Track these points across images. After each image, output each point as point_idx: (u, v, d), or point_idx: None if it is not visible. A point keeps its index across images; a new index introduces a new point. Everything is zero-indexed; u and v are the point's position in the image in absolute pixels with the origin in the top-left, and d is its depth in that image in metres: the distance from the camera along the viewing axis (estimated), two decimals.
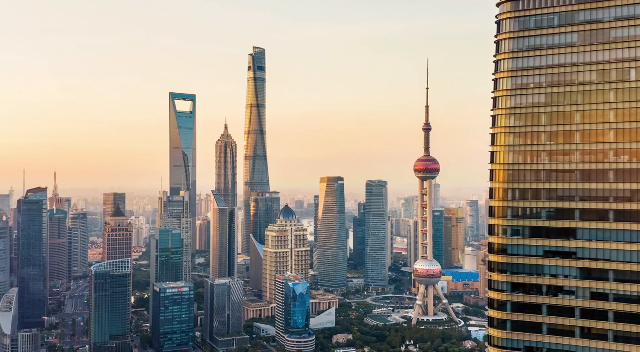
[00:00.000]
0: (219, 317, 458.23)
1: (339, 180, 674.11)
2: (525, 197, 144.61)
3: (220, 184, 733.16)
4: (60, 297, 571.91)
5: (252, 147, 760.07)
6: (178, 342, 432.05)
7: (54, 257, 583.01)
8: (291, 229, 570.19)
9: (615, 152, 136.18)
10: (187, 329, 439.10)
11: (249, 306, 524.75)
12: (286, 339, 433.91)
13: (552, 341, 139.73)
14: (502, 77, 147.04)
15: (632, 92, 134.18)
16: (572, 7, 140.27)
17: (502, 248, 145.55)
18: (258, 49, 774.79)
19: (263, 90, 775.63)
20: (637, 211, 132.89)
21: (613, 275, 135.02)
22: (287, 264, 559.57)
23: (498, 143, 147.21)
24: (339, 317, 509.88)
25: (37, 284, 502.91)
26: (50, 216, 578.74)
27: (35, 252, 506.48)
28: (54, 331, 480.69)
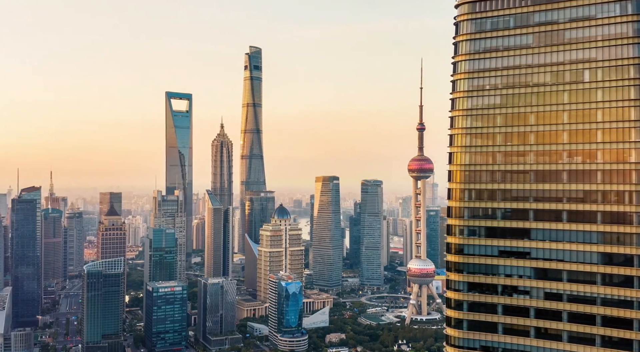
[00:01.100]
0: (212, 316, 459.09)
1: (334, 179, 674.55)
2: (482, 197, 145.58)
3: (217, 184, 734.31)
4: (55, 296, 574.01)
5: (248, 147, 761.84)
6: (171, 341, 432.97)
7: (49, 257, 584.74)
8: (286, 229, 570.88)
9: (568, 153, 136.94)
10: (180, 328, 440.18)
11: (243, 306, 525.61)
12: (279, 338, 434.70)
13: (507, 340, 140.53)
14: (459, 78, 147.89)
15: (586, 93, 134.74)
16: (527, 9, 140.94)
17: (459, 248, 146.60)
18: (255, 49, 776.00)
19: (260, 89, 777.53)
20: (589, 211, 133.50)
21: (567, 275, 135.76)
22: (282, 263, 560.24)
23: (456, 144, 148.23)
24: (333, 316, 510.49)
25: (31, 284, 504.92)
26: (45, 215, 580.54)
27: (29, 252, 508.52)
28: (48, 330, 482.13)
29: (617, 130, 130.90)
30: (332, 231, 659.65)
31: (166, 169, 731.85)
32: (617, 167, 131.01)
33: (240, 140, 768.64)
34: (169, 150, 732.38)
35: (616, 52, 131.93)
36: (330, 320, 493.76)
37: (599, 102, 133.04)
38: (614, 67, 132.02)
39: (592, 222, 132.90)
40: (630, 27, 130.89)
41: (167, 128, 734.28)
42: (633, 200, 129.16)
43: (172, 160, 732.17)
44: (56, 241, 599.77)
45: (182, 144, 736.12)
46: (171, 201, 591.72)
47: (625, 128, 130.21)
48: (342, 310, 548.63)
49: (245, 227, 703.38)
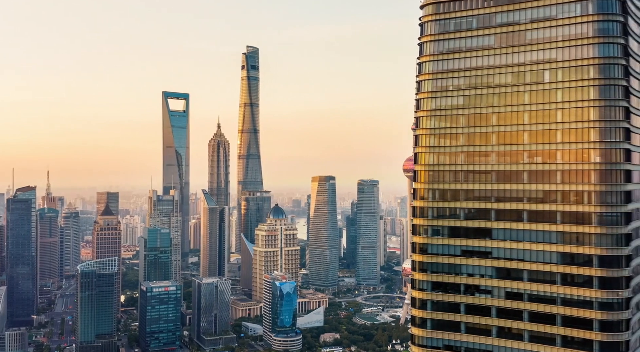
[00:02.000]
0: (206, 316, 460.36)
1: (330, 179, 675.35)
2: (445, 197, 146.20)
3: (213, 183, 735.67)
4: (51, 296, 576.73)
5: (245, 147, 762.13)
6: (165, 341, 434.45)
7: (45, 256, 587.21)
8: (281, 229, 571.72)
9: (529, 154, 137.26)
10: (174, 328, 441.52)
11: (238, 306, 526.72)
12: (273, 338, 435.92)
13: (469, 340, 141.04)
14: (424, 79, 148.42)
15: (546, 94, 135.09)
16: (490, 10, 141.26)
17: (423, 248, 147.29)
18: (252, 48, 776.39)
19: (257, 89, 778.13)
20: (549, 211, 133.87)
21: (527, 275, 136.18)
22: (277, 263, 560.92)
23: (421, 144, 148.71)
24: (328, 316, 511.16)
25: (26, 283, 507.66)
26: (41, 215, 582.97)
27: (24, 251, 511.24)
28: (43, 329, 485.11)
29: (576, 131, 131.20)
30: (328, 231, 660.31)
31: (163, 168, 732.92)
32: (576, 167, 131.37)
33: (238, 140, 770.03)
34: (166, 150, 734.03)
35: (576, 53, 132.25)
36: (325, 320, 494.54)
37: (559, 102, 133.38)
38: (574, 68, 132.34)
39: (551, 222, 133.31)
40: (591, 27, 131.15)
41: (164, 128, 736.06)
42: (592, 200, 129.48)
43: (169, 160, 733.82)
44: (52, 240, 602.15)
45: (179, 143, 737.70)
46: (167, 200, 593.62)
47: (584, 128, 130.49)
48: (337, 310, 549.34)
49: (241, 227, 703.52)
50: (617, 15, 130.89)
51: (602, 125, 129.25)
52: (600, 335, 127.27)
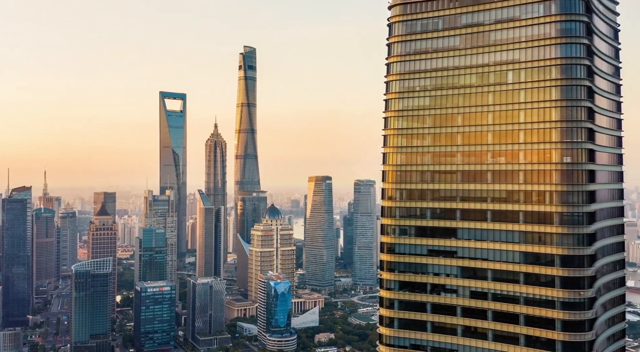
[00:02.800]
0: (201, 316, 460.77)
1: (326, 179, 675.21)
2: (412, 197, 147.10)
3: (210, 184, 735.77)
4: (47, 296, 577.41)
5: (243, 147, 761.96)
6: (159, 341, 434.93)
7: (41, 256, 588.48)
8: (277, 229, 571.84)
9: (493, 154, 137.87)
10: (169, 328, 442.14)
11: (234, 306, 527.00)
12: (267, 338, 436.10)
13: (435, 339, 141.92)
14: (392, 80, 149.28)
15: (509, 94, 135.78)
16: (455, 11, 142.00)
17: (391, 247, 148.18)
18: (249, 48, 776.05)
19: (254, 89, 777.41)
20: (512, 211, 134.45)
21: (491, 274, 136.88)
22: (273, 263, 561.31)
23: (389, 145, 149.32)
24: (324, 316, 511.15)
25: (21, 283, 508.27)
26: (37, 215, 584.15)
27: (20, 252, 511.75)
28: (38, 330, 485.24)
29: (538, 131, 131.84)
30: (324, 231, 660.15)
31: (160, 169, 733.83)
32: (538, 167, 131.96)
33: (235, 140, 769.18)
34: (163, 150, 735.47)
35: (539, 53, 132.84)
36: (321, 320, 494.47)
37: (522, 103, 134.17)
38: (537, 68, 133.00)
39: (514, 222, 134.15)
40: (553, 27, 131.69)
41: (161, 128, 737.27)
42: (554, 200, 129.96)
43: (166, 160, 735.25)
44: (48, 240, 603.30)
45: (176, 143, 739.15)
46: (162, 200, 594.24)
47: (546, 129, 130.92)
48: (333, 310, 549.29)
49: (238, 227, 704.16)
50: (581, 15, 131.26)
51: (564, 125, 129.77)
52: (562, 335, 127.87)
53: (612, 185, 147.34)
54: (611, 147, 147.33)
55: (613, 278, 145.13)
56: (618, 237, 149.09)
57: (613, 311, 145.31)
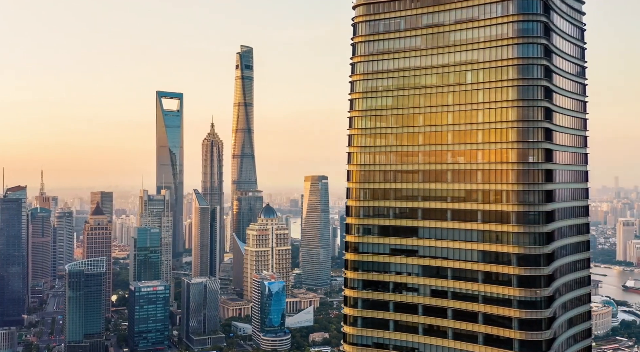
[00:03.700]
0: (195, 316, 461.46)
1: (323, 179, 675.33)
2: (376, 197, 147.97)
3: (207, 183, 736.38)
4: (43, 295, 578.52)
5: (239, 146, 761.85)
6: (153, 341, 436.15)
7: (37, 256, 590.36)
8: (272, 228, 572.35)
9: (452, 154, 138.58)
10: (163, 328, 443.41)
11: (229, 305, 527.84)
12: (262, 337, 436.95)
13: (397, 337, 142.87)
14: (356, 80, 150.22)
15: (468, 94, 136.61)
16: (416, 11, 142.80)
17: (355, 246, 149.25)
18: (246, 48, 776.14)
19: (251, 89, 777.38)
20: (470, 210, 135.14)
21: (451, 273, 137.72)
22: (268, 263, 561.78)
23: (353, 144, 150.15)
24: (319, 315, 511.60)
25: (16, 283, 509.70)
26: (33, 214, 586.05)
27: (14, 251, 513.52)
28: (33, 329, 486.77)
29: (496, 131, 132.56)
30: (320, 231, 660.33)
31: (157, 168, 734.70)
32: (495, 167, 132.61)
33: (232, 139, 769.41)
34: (160, 150, 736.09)
35: (497, 53, 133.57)
36: (316, 319, 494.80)
37: (480, 103, 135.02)
38: (495, 68, 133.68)
39: (473, 221, 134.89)
40: (511, 27, 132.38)
41: (157, 127, 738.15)
42: (511, 199, 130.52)
43: (163, 159, 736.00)
44: (44, 240, 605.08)
45: (173, 143, 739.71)
46: (157, 200, 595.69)
47: (504, 129, 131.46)
48: (328, 309, 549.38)
49: (234, 226, 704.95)
50: (539, 15, 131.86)
51: (521, 125, 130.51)
52: (519, 333, 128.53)
53: (575, 184, 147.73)
54: (574, 147, 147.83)
55: (575, 277, 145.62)
56: (582, 237, 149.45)
57: (575, 311, 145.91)
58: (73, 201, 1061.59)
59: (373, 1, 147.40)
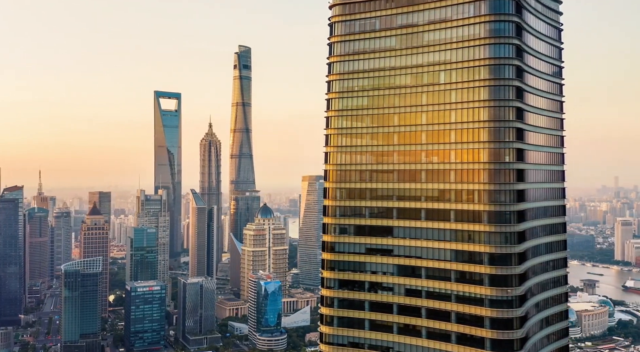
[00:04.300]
0: (192, 316, 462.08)
1: (320, 179, 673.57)
2: (352, 196, 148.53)
3: (205, 183, 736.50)
4: (40, 295, 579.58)
5: (237, 146, 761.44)
6: (149, 341, 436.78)
7: (35, 256, 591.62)
8: (269, 228, 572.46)
9: (426, 154, 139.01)
10: (159, 328, 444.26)
11: (226, 305, 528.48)
12: (258, 337, 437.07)
13: (372, 337, 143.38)
14: (333, 80, 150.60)
15: (442, 94, 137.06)
16: (391, 11, 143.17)
17: (331, 246, 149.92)
18: (244, 48, 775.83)
19: (249, 88, 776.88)
20: (444, 210, 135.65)
21: (425, 272, 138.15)
22: (265, 262, 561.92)
23: (330, 144, 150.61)
24: (316, 316, 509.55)
25: (13, 283, 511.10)
26: (30, 214, 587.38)
27: (11, 251, 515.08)
28: (30, 329, 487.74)
29: (468, 131, 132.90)
30: (318, 231, 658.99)
31: (155, 168, 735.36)
32: (468, 166, 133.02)
33: (230, 139, 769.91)
34: (158, 150, 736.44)
35: (469, 54, 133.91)
36: (312, 319, 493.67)
37: (453, 103, 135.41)
38: (467, 69, 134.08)
39: (446, 220, 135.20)
40: (484, 27, 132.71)
41: (155, 127, 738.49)
42: (483, 199, 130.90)
43: (161, 159, 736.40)
44: (42, 240, 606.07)
45: (171, 143, 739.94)
46: (155, 200, 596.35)
47: (476, 128, 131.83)
48: None
49: (231, 226, 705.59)
50: (511, 15, 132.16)
51: (493, 125, 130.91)
52: (491, 332, 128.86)
53: (550, 184, 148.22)
54: (550, 147, 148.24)
55: (551, 277, 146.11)
56: (558, 236, 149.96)
57: (551, 310, 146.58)
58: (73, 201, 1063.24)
59: (349, 1, 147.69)
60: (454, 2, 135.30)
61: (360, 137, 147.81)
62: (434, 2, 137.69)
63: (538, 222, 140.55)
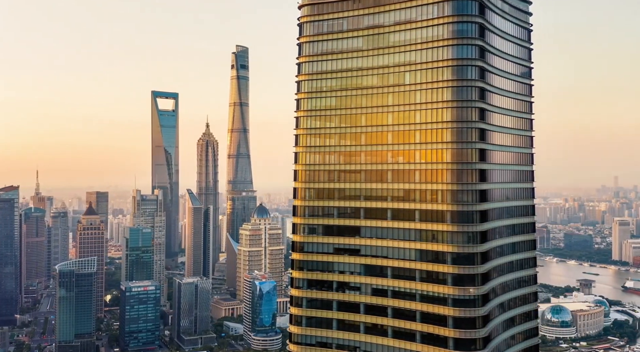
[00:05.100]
0: (187, 316, 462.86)
1: None
2: (321, 196, 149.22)
3: (202, 183, 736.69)
4: (36, 295, 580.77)
5: (235, 146, 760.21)
6: (144, 341, 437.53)
7: (31, 256, 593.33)
8: (265, 228, 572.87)
9: (392, 154, 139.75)
10: (154, 328, 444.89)
11: (221, 305, 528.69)
12: (253, 337, 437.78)
13: (340, 336, 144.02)
14: (302, 80, 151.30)
15: (407, 95, 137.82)
16: (358, 12, 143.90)
17: (300, 246, 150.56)
18: (241, 48, 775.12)
19: (246, 88, 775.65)
20: (409, 210, 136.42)
21: (391, 272, 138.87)
22: (261, 263, 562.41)
23: (300, 144, 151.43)
24: None
25: (9, 283, 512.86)
26: (27, 214, 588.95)
27: (7, 251, 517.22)
28: (25, 329, 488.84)
29: (432, 131, 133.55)
30: None
31: (152, 168, 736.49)
32: (432, 167, 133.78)
33: (227, 139, 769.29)
34: (155, 150, 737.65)
35: (433, 55, 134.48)
36: None
37: (418, 103, 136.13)
38: (431, 70, 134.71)
39: (411, 220, 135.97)
40: (447, 28, 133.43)
41: (153, 127, 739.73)
42: (446, 199, 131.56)
43: (159, 159, 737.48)
44: (39, 240, 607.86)
45: (168, 143, 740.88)
46: (151, 200, 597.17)
47: (439, 129, 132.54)
48: None
49: (228, 226, 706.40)
50: (474, 17, 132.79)
51: (456, 126, 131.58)
52: (453, 332, 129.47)
53: (517, 184, 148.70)
54: (518, 147, 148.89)
55: (517, 277, 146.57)
56: (526, 236, 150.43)
57: (519, 310, 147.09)
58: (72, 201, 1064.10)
59: (317, 2, 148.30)
60: (419, 3, 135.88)
61: (328, 137, 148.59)
62: (400, 3, 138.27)
63: (503, 222, 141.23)
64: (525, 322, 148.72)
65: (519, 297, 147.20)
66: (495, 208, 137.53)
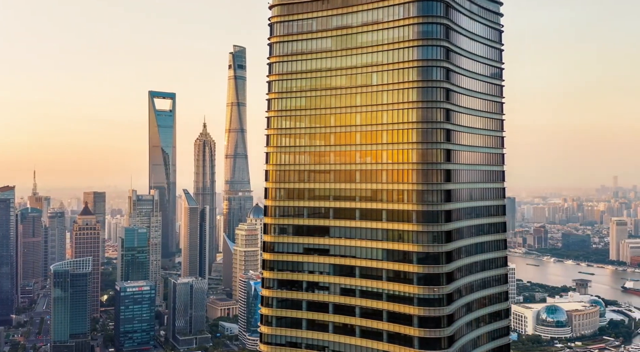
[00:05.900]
0: (182, 316, 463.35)
1: None
2: (291, 196, 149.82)
3: (199, 183, 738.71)
4: (33, 295, 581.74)
5: (232, 146, 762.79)
6: (139, 341, 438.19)
7: (28, 256, 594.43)
8: (261, 228, 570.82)
9: (360, 154, 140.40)
10: (148, 328, 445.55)
11: (217, 305, 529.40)
12: (247, 337, 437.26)
13: (309, 336, 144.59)
14: (273, 80, 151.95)
15: (374, 96, 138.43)
16: (327, 13, 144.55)
17: (271, 246, 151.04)
18: (239, 48, 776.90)
19: (244, 88, 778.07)
20: (376, 210, 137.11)
21: (359, 271, 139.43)
22: (258, 262, 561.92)
23: (271, 144, 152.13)
24: None
25: (5, 283, 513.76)
26: (23, 214, 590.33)
27: (3, 251, 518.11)
28: (21, 329, 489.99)
29: (399, 132, 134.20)
30: None
31: (149, 168, 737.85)
32: (398, 167, 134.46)
33: (225, 139, 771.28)
34: (153, 150, 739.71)
35: (399, 56, 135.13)
36: None
37: (385, 104, 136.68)
38: (397, 70, 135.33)
39: (378, 220, 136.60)
40: (413, 29, 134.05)
41: (150, 127, 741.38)
42: (412, 199, 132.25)
43: (156, 159, 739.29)
44: (35, 240, 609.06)
45: (166, 143, 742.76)
46: (146, 200, 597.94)
47: (406, 129, 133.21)
48: None
49: (224, 226, 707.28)
50: (440, 18, 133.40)
51: (422, 126, 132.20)
52: (419, 331, 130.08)
53: (487, 184, 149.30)
54: (486, 147, 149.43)
55: (485, 276, 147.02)
56: (495, 236, 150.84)
57: (489, 309, 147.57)
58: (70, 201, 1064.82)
59: (288, 2, 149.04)
60: (385, 4, 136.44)
61: (299, 137, 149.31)
62: (368, 4, 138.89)
63: (470, 222, 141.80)
64: (494, 321, 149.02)
65: (488, 296, 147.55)
66: (462, 208, 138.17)
